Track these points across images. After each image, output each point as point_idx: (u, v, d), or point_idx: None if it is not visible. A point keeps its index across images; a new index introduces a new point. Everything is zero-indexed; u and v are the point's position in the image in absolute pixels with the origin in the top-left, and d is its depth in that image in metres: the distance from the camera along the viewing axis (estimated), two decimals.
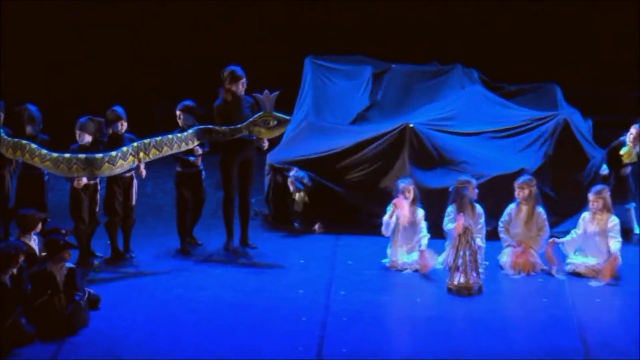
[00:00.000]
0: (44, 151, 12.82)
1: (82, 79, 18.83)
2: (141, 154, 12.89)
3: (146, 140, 12.99)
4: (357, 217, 14.71)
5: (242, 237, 13.92)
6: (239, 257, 13.89)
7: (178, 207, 13.82)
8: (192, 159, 13.57)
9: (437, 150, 14.47)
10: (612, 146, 14.09)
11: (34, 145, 12.88)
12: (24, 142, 12.90)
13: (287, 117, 13.21)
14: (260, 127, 13.12)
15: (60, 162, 12.81)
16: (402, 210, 13.28)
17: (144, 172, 13.20)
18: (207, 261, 13.82)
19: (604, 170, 14.06)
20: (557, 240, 13.09)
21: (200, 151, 13.49)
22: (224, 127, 13.18)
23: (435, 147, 14.47)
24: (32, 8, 18.92)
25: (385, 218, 13.41)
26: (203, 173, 13.86)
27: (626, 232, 13.95)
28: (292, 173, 14.59)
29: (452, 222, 13.18)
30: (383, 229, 13.36)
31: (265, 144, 13.61)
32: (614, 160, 14.02)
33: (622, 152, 14.00)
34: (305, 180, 14.54)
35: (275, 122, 13.11)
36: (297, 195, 14.57)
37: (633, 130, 13.91)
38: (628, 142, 13.95)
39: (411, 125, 14.43)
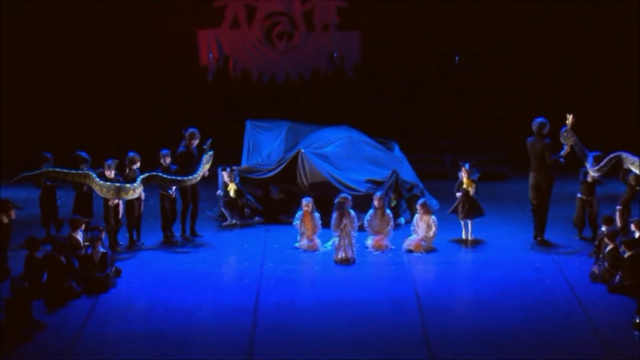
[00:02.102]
0: (98, 180, 15.37)
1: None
2: (141, 186, 15.48)
3: (142, 176, 15.41)
4: (278, 216, 17.28)
5: (191, 229, 16.49)
6: (198, 244, 16.07)
7: (162, 215, 16.32)
8: (170, 191, 16.17)
9: (319, 169, 16.71)
10: (458, 183, 16.16)
11: (94, 177, 15.26)
12: (91, 174, 15.27)
13: (211, 152, 15.69)
14: (207, 164, 16.00)
15: (104, 188, 15.30)
16: (306, 222, 15.76)
17: (142, 195, 15.74)
18: (187, 246, 16.19)
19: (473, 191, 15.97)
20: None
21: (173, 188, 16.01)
22: (195, 175, 15.55)
23: (319, 167, 16.74)
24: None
25: (297, 220, 15.74)
26: (176, 194, 16.22)
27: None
28: (226, 170, 16.97)
29: (336, 224, 15.41)
30: (294, 223, 15.92)
31: (206, 173, 15.93)
32: (461, 189, 16.08)
33: (464, 185, 16.06)
34: (234, 174, 16.82)
35: (209, 158, 15.93)
36: (230, 186, 16.85)
37: (463, 171, 16.10)
38: (464, 178, 16.08)
39: (302, 150, 16.99)
